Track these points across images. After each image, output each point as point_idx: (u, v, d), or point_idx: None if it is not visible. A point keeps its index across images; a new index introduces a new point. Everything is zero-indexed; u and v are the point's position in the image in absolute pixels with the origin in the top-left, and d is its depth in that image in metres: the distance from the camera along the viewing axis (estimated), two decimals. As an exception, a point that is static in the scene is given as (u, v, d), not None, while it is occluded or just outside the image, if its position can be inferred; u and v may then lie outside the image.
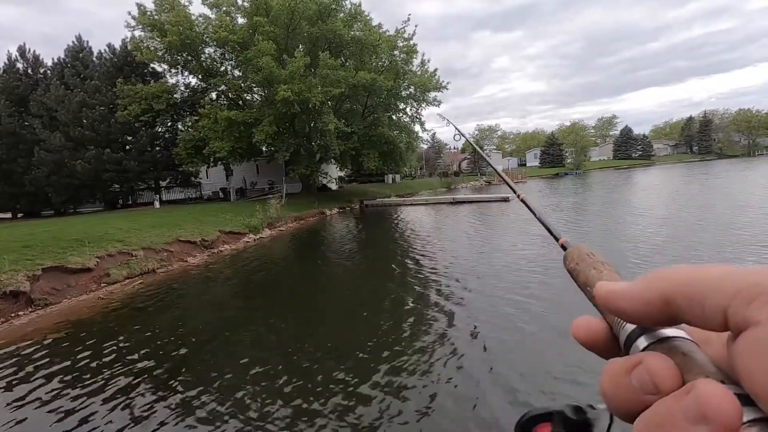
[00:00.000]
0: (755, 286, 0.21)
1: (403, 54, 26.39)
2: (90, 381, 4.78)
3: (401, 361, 4.69)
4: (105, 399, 4.32)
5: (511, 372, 4.25)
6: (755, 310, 0.21)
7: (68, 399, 4.38)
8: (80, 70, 26.82)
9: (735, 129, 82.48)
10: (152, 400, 4.24)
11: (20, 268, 8.32)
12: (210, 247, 13.39)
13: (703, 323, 0.23)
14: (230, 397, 4.19)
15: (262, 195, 26.92)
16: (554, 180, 47.45)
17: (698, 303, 0.23)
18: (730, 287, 0.22)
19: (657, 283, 0.25)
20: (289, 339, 5.89)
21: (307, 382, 4.39)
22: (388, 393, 4.02)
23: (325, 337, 5.79)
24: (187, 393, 4.34)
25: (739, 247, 8.39)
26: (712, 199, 17.32)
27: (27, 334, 6.58)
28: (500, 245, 11.44)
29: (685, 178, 31.71)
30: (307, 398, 4.06)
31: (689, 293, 0.24)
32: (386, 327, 5.90)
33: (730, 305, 0.22)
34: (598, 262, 0.35)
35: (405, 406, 3.78)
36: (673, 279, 0.25)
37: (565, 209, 18.51)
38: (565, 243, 0.43)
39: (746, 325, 0.21)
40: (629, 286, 0.27)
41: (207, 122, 22.70)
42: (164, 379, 4.71)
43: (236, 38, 21.82)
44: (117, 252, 10.60)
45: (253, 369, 4.84)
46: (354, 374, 4.46)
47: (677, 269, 0.25)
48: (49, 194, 26.39)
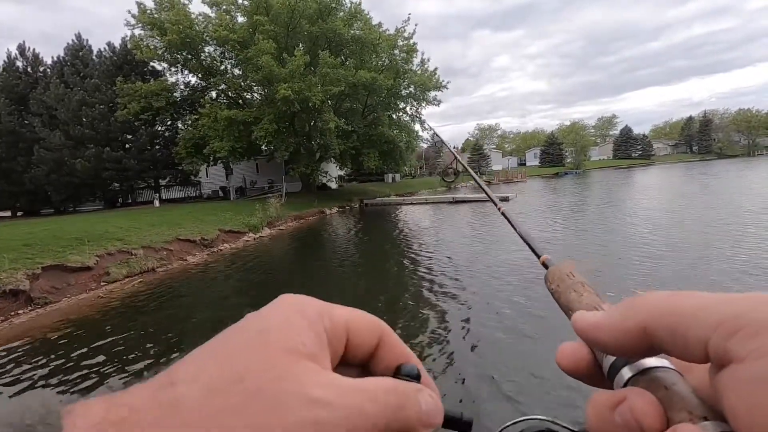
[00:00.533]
0: (737, 318, 0.20)
1: (403, 53, 26.39)
2: (89, 379, 4.79)
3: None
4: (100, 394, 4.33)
5: (500, 371, 4.27)
6: (737, 345, 0.20)
7: (67, 397, 4.40)
8: (80, 68, 26.82)
9: (735, 129, 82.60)
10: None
11: (20, 267, 8.33)
12: (210, 246, 13.40)
13: (684, 355, 0.23)
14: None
15: (262, 194, 26.94)
16: (553, 179, 47.50)
17: (681, 335, 0.22)
18: (712, 319, 0.21)
19: (635, 312, 0.25)
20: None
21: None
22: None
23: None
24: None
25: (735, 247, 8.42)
26: (713, 201, 17.34)
27: (27, 333, 6.60)
28: (495, 245, 11.45)
29: (683, 178, 31.75)
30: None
31: (670, 324, 0.23)
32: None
33: (711, 338, 0.21)
34: (578, 283, 0.34)
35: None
36: (653, 308, 0.24)
37: (563, 209, 18.53)
38: (546, 261, 0.40)
39: (728, 359, 0.20)
40: (607, 316, 0.26)
41: (207, 121, 22.71)
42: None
43: (236, 37, 21.81)
44: (117, 251, 10.61)
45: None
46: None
47: (656, 297, 0.24)
48: (49, 193, 26.40)
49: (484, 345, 5.00)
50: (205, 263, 11.81)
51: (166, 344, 5.78)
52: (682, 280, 6.72)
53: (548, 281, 0.37)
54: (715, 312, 0.21)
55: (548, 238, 11.52)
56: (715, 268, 7.23)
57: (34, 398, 4.43)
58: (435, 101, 28.03)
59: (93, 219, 15.69)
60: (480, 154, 62.47)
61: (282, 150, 23.67)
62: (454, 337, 5.27)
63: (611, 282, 7.05)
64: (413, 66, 27.18)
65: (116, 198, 30.34)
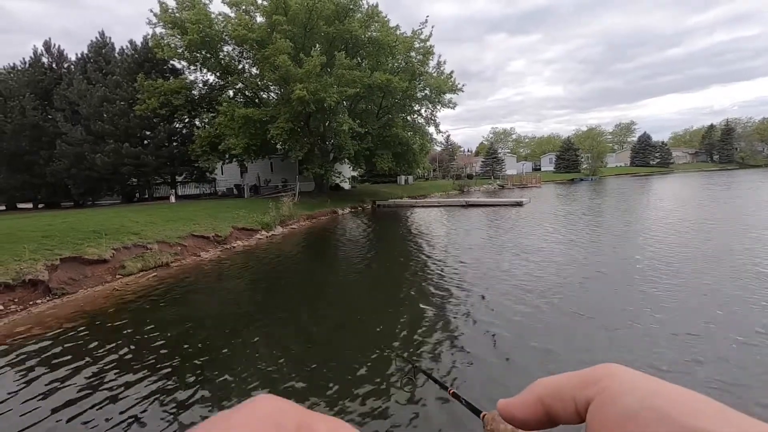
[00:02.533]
0: (587, 375, 0.30)
1: (419, 55, 26.35)
2: (101, 369, 4.87)
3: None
4: (115, 387, 4.40)
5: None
6: (589, 391, 0.29)
7: (79, 386, 4.48)
8: (102, 65, 27.42)
9: (758, 138, 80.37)
10: (162, 390, 4.30)
11: (39, 258, 8.53)
12: (223, 243, 13.55)
13: (567, 417, 0.30)
14: (239, 389, 4.23)
15: (276, 193, 27.15)
16: (568, 185, 46.85)
17: (560, 400, 0.31)
18: (576, 381, 0.30)
19: (536, 389, 0.33)
20: (298, 334, 5.93)
21: (316, 375, 4.40)
22: (382, 388, 4.02)
23: (333, 332, 5.81)
24: (197, 384, 4.39)
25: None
26: (724, 212, 16.89)
27: (44, 322, 6.75)
28: (511, 252, 11.33)
29: (706, 189, 31.00)
30: (316, 390, 4.08)
31: (554, 394, 0.31)
32: (391, 324, 5.90)
33: (576, 395, 0.30)
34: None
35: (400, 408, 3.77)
36: (546, 385, 0.32)
37: (574, 217, 18.26)
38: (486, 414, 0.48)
39: (587, 405, 0.29)
40: (519, 396, 0.34)
41: (224, 119, 23.00)
42: (175, 370, 4.77)
43: (255, 36, 22.04)
44: (132, 245, 10.80)
45: (263, 362, 4.88)
46: (359, 363, 4.47)
47: (549, 378, 0.33)
48: (69, 186, 27.03)
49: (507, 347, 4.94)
50: (218, 259, 11.94)
51: (178, 338, 5.85)
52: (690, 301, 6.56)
53: (485, 424, 0.45)
54: (578, 376, 0.31)
55: (549, 249, 11.35)
56: (714, 284, 7.04)
57: (49, 384, 4.52)
58: (450, 104, 27.89)
59: (110, 213, 16.00)
60: (494, 158, 61.96)
61: (296, 149, 23.83)
62: (468, 341, 5.22)
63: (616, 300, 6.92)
64: (429, 68, 27.12)
65: (134, 193, 30.91)
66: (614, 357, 4.56)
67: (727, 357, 4.41)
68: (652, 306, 6.02)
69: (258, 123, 22.89)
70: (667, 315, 5.64)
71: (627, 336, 5.12)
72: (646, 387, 0.27)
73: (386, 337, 5.56)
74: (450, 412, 3.61)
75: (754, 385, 3.90)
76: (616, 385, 0.28)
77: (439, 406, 3.74)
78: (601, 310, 6.11)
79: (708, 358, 4.39)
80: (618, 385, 0.28)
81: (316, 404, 3.94)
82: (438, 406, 3.74)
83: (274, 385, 4.36)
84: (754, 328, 5.05)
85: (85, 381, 4.63)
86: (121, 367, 4.94)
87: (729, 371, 4.13)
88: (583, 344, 4.99)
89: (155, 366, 4.94)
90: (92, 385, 4.54)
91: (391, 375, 4.45)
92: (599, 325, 5.50)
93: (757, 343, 4.68)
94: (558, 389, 0.31)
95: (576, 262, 9.33)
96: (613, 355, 4.62)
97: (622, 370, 0.29)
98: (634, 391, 0.27)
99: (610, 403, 0.27)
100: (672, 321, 5.43)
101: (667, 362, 4.38)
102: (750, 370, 4.14)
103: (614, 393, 0.28)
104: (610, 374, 0.29)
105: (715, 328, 5.14)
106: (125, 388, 4.40)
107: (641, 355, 4.57)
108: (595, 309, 6.13)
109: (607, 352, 4.71)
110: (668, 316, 5.58)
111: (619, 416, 0.26)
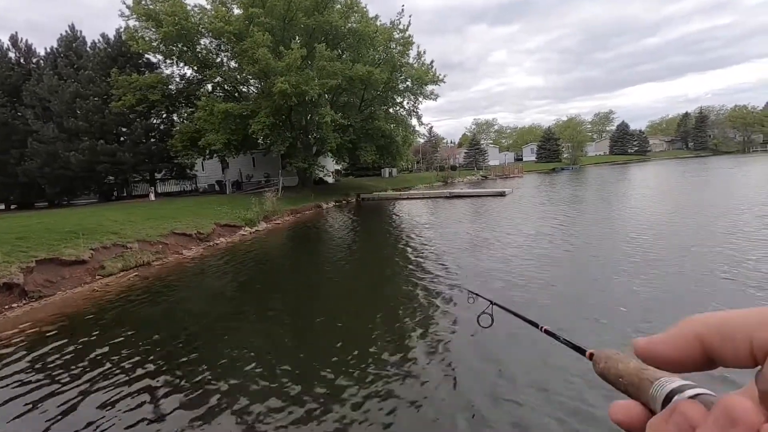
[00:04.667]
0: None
1: (399, 46, 26.22)
2: (83, 372, 4.78)
3: (384, 347, 4.73)
4: (98, 389, 4.32)
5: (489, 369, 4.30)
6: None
7: (60, 391, 4.38)
8: (74, 60, 26.50)
9: (730, 125, 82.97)
10: (146, 390, 4.24)
11: (14, 260, 8.27)
12: (205, 240, 13.36)
13: (735, 358, 0.26)
14: (224, 386, 4.20)
15: (259, 188, 26.85)
16: (550, 175, 47.57)
17: (730, 339, 0.26)
18: (753, 320, 0.26)
19: (691, 325, 0.29)
20: (282, 329, 5.91)
21: (302, 368, 4.41)
22: (378, 375, 4.06)
23: (317, 326, 5.81)
24: (181, 383, 4.35)
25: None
26: (699, 197, 17.43)
27: (21, 327, 6.56)
28: (492, 237, 11.48)
29: (677, 174, 31.88)
30: (302, 383, 4.08)
31: (720, 330, 0.27)
32: (375, 316, 5.94)
33: (754, 336, 0.25)
34: (621, 355, 0.40)
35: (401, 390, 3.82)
36: (705, 320, 0.28)
37: (557, 205, 18.58)
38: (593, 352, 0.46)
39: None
40: (665, 334, 0.30)
41: (203, 114, 22.55)
42: (158, 370, 4.71)
43: (232, 29, 21.58)
44: (112, 244, 10.56)
45: (247, 359, 4.85)
46: (344, 358, 4.49)
47: (707, 314, 0.28)
48: (43, 186, 26.20)
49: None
50: (201, 257, 11.77)
51: (161, 337, 5.77)
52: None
53: (596, 363, 0.41)
54: (756, 314, 0.26)
55: (539, 232, 11.56)
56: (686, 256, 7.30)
57: (27, 392, 4.41)
58: (432, 95, 27.90)
59: (87, 212, 15.58)
60: (477, 150, 62.38)
61: (278, 144, 23.55)
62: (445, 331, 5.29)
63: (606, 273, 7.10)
64: (410, 59, 27.04)
65: (111, 191, 30.15)
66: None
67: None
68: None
69: (238, 118, 22.51)
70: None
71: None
72: None
73: (373, 330, 5.59)
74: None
75: None
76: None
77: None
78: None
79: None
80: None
81: (300, 398, 3.95)
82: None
83: (260, 381, 4.35)
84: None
85: (67, 381, 4.53)
86: (104, 368, 4.85)
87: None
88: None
89: (138, 365, 4.86)
90: (75, 386, 4.44)
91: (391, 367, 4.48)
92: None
93: None
94: (726, 326, 0.27)
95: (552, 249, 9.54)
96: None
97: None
98: None
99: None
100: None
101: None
102: None
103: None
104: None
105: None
106: (109, 389, 4.33)
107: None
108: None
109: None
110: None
111: None
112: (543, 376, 3.96)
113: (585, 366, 0.44)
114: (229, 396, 4.08)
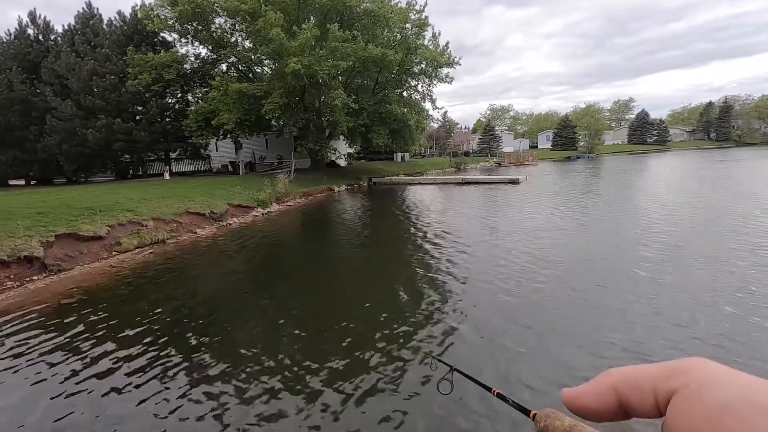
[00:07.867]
0: (672, 367, 0.28)
1: (415, 27, 25.76)
2: (99, 344, 4.95)
3: (393, 325, 4.80)
4: (113, 361, 4.49)
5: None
6: (673, 382, 0.27)
7: (77, 361, 4.56)
8: (90, 37, 26.64)
9: (756, 116, 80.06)
10: (159, 363, 4.39)
11: (34, 234, 8.52)
12: (219, 220, 13.55)
13: (643, 409, 0.29)
14: (236, 361, 4.33)
15: (271, 170, 26.96)
16: (565, 163, 46.79)
17: (638, 390, 0.29)
18: (659, 372, 0.29)
19: (608, 377, 0.31)
20: (293, 308, 6.02)
21: (311, 347, 4.51)
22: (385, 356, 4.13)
23: (326, 305, 5.91)
24: (193, 357, 4.48)
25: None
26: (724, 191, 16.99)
27: (40, 298, 6.80)
28: (504, 227, 11.42)
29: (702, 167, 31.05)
30: (312, 360, 4.18)
31: (632, 383, 0.30)
32: (383, 297, 6.01)
33: (657, 386, 0.28)
34: (559, 414, 0.42)
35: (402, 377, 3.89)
36: (620, 373, 0.31)
37: (569, 196, 18.32)
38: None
39: (670, 397, 0.27)
40: (587, 384, 0.32)
41: (217, 94, 22.60)
42: (172, 343, 4.86)
43: (247, 8, 21.40)
44: (127, 221, 10.78)
45: (263, 336, 4.98)
46: (352, 331, 4.58)
47: (625, 367, 0.31)
48: (61, 162, 26.70)
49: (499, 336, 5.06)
50: (214, 236, 11.96)
51: (175, 313, 5.93)
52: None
53: (537, 423, 0.44)
54: (662, 367, 0.29)
55: (545, 227, 11.45)
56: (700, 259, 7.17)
57: (43, 361, 4.60)
58: (447, 78, 27.47)
59: (104, 189, 15.88)
60: (491, 136, 61.54)
61: (291, 125, 23.54)
62: (451, 318, 5.33)
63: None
64: (425, 41, 26.58)
65: (127, 169, 30.61)
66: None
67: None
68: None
69: (252, 98, 22.51)
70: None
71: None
72: (738, 381, 0.25)
73: (386, 316, 5.66)
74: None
75: None
76: (705, 377, 0.26)
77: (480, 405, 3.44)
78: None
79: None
80: (707, 377, 0.26)
81: (316, 374, 4.04)
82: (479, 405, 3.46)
83: (276, 358, 4.46)
84: None
85: (85, 353, 4.71)
86: (120, 341, 5.02)
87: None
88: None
89: (152, 339, 5.02)
90: (92, 357, 4.62)
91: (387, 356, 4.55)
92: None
93: None
94: (635, 379, 0.30)
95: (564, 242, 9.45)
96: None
97: (709, 363, 0.28)
98: (727, 385, 0.25)
99: (697, 397, 0.26)
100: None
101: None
102: None
103: (703, 385, 0.26)
104: (696, 367, 0.28)
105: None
106: (125, 361, 4.49)
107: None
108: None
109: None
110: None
111: (710, 410, 0.25)
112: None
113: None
114: (236, 369, 4.19)
